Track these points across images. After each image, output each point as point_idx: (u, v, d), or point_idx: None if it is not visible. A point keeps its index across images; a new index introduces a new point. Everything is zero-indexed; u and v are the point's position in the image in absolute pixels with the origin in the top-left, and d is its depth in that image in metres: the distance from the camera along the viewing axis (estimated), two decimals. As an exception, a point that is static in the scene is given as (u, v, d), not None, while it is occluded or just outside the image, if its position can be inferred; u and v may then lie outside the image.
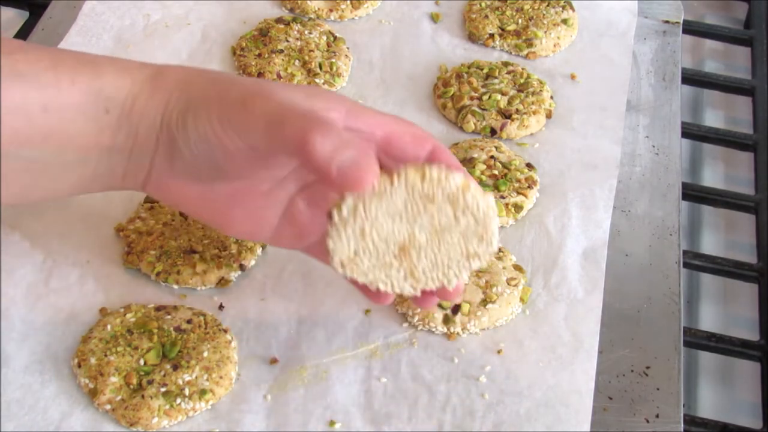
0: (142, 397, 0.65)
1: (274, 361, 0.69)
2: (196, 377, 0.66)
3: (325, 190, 0.63)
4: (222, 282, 0.74)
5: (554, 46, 0.95)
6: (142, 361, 0.67)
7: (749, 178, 0.92)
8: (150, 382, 0.66)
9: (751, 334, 0.80)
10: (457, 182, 0.58)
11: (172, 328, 0.69)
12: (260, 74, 0.89)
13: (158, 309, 0.71)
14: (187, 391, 0.65)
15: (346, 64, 0.92)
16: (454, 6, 0.99)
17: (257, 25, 0.94)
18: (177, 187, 0.63)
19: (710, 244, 0.89)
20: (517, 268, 0.75)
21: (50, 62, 0.59)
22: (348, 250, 0.58)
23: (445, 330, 0.71)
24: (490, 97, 0.87)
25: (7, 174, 0.59)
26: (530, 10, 0.96)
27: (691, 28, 1.05)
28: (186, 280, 0.73)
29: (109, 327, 0.69)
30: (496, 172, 0.81)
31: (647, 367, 0.71)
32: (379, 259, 0.59)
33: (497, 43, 0.95)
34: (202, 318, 0.70)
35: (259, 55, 0.90)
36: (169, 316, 0.70)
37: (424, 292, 0.62)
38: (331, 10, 0.97)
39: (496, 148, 0.83)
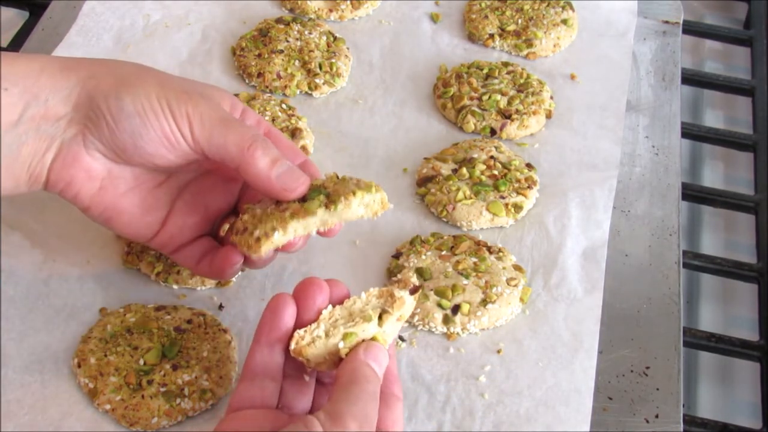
0: (142, 397, 0.65)
1: (274, 361, 0.69)
2: (196, 377, 0.66)
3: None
4: (222, 282, 0.74)
5: (554, 46, 0.95)
6: (142, 361, 0.67)
7: (749, 178, 0.93)
8: (150, 382, 0.66)
9: (751, 334, 0.80)
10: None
11: (172, 328, 0.69)
12: (260, 74, 0.89)
13: (158, 309, 0.71)
14: (186, 391, 0.65)
15: (346, 64, 0.91)
16: (454, 6, 0.99)
17: (257, 25, 0.94)
18: (85, 163, 0.63)
19: (710, 245, 0.89)
20: (517, 268, 0.75)
21: None
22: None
23: (445, 330, 0.71)
24: (490, 97, 0.87)
25: None
26: (530, 10, 0.96)
27: (691, 29, 1.05)
28: (186, 280, 0.73)
29: (109, 327, 0.69)
30: (496, 172, 0.81)
31: (647, 367, 0.71)
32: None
33: (497, 43, 0.95)
34: (202, 318, 0.70)
35: (259, 55, 0.90)
36: (169, 316, 0.70)
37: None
38: (331, 11, 0.97)
39: (496, 148, 0.83)
